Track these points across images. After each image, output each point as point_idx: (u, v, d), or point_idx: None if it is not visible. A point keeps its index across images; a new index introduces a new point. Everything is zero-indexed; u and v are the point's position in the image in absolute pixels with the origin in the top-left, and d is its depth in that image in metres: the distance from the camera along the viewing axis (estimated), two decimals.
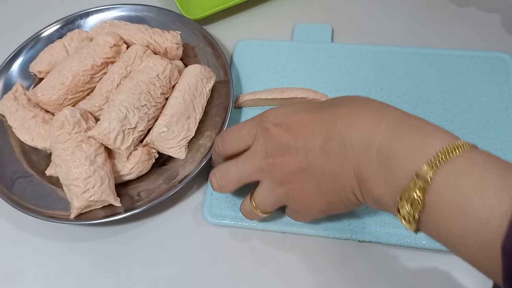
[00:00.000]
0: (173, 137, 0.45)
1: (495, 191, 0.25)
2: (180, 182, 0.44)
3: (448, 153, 0.27)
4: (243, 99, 0.50)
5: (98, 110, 0.46)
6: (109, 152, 0.44)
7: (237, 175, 0.38)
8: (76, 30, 0.54)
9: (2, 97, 0.50)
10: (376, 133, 0.30)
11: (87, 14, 0.57)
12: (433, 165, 0.27)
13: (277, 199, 0.37)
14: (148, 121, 0.44)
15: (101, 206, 0.43)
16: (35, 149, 0.48)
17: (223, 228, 0.44)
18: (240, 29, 0.58)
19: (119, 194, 0.43)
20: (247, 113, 0.50)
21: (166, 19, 0.56)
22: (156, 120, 0.46)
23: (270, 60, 0.54)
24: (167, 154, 0.46)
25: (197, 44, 0.53)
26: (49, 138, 0.45)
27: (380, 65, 0.52)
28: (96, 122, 0.44)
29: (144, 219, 0.45)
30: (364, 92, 0.51)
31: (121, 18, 0.55)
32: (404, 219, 0.28)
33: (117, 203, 0.42)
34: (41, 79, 0.51)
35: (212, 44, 0.52)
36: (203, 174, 0.47)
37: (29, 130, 0.47)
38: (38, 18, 0.60)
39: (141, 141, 0.46)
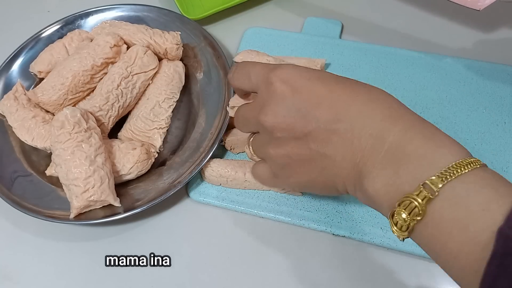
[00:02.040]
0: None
1: (501, 215, 0.24)
2: (180, 182, 0.44)
3: (460, 168, 0.26)
4: None
5: (99, 111, 0.46)
6: (109, 152, 0.44)
7: (242, 121, 0.38)
8: (76, 30, 0.54)
9: (2, 97, 0.50)
10: (390, 132, 0.29)
11: (87, 14, 0.57)
12: (444, 177, 0.26)
13: (265, 154, 0.36)
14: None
15: (101, 206, 0.43)
16: (35, 149, 0.48)
17: (222, 227, 0.44)
18: (241, 28, 0.59)
19: (118, 194, 0.43)
20: None
21: (166, 19, 0.56)
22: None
23: (276, 49, 0.55)
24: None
25: (197, 44, 0.54)
26: (49, 138, 0.45)
27: (383, 65, 0.52)
28: (97, 122, 0.45)
29: (144, 219, 0.46)
30: None
31: (121, 18, 0.56)
32: (396, 226, 0.28)
33: (116, 203, 0.42)
34: (41, 79, 0.51)
35: (212, 44, 0.52)
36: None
37: (29, 130, 0.47)
38: (38, 18, 0.60)
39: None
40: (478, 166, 0.26)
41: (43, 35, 0.56)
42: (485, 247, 0.23)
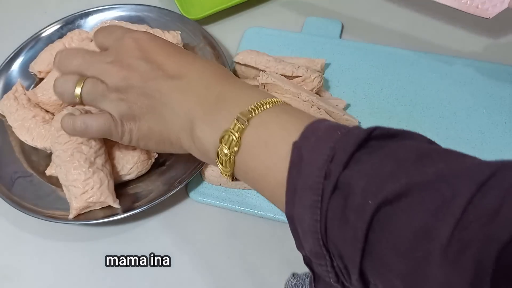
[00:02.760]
0: None
1: (296, 132, 0.28)
2: (179, 182, 0.44)
3: (266, 104, 0.31)
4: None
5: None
6: (109, 153, 0.44)
7: (78, 65, 0.39)
8: (76, 30, 0.54)
9: (2, 97, 0.50)
10: (217, 85, 0.34)
11: (87, 14, 0.57)
12: (252, 111, 0.30)
13: (105, 101, 0.37)
14: None
15: (100, 207, 0.43)
16: (35, 149, 0.48)
17: (222, 227, 0.44)
18: (241, 28, 0.59)
19: (118, 194, 0.43)
20: None
21: (166, 19, 0.56)
22: None
23: (276, 49, 0.55)
24: None
25: (197, 44, 0.53)
26: (49, 138, 0.45)
27: (384, 65, 0.52)
28: None
29: (144, 219, 0.46)
30: (363, 90, 0.51)
31: (121, 18, 0.56)
32: (221, 164, 0.31)
33: (116, 204, 0.42)
34: (41, 79, 0.51)
35: (212, 44, 0.52)
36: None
37: (29, 130, 0.47)
38: (38, 18, 0.60)
39: None
40: (281, 103, 0.32)
41: (43, 35, 0.55)
42: (285, 159, 0.27)
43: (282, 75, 0.48)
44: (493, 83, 0.50)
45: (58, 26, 0.56)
